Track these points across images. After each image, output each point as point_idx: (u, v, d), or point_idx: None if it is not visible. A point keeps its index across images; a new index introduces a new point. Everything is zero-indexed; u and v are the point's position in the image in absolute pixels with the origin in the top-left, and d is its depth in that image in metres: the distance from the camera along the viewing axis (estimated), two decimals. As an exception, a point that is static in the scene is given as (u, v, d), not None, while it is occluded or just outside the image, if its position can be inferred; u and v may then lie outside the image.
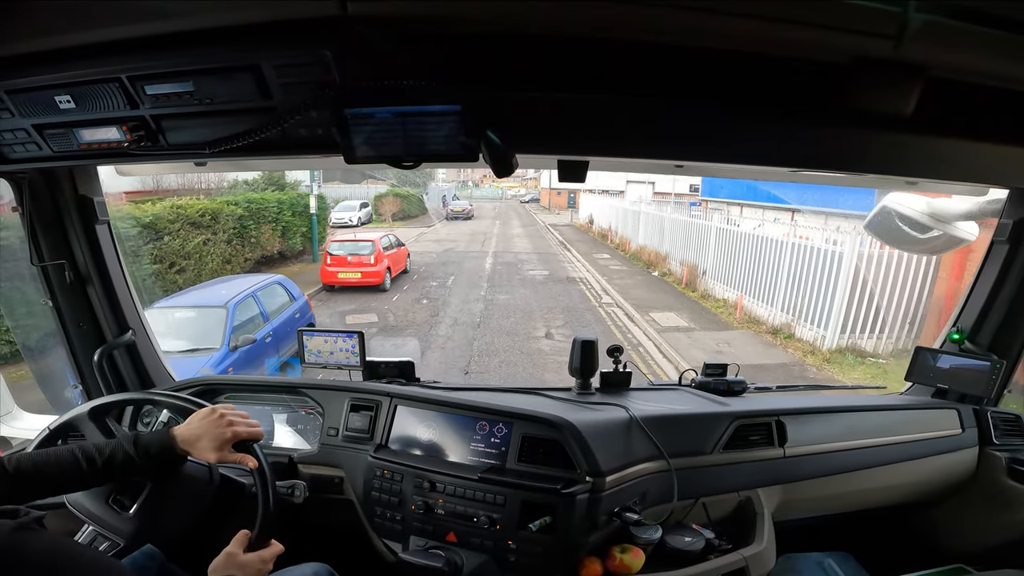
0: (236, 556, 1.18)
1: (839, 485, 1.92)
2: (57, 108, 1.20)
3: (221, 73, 1.10)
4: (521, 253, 18.93)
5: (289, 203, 14.86)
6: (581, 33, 1.03)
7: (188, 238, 11.16)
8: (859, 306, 8.61)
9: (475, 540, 1.54)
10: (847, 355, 8.61)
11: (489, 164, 1.20)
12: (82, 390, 1.97)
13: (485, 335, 9.55)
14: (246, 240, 13.01)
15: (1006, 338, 2.02)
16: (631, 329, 10.30)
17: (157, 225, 10.55)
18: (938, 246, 2.12)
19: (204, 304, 7.05)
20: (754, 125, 1.19)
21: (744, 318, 10.76)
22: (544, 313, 11.14)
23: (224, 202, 12.80)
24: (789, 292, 9.81)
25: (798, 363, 8.74)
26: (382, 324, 10.18)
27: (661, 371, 8.31)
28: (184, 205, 11.45)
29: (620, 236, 20.23)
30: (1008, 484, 1.98)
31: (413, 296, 12.24)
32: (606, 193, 28.22)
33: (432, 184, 35.47)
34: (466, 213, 30.54)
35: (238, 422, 1.32)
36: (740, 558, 1.60)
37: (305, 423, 1.92)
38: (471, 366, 8.17)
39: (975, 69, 1.04)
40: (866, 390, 3.04)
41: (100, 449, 1.21)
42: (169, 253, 10.73)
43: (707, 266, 12.86)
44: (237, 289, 7.40)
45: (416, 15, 0.99)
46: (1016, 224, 1.88)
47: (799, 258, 9.62)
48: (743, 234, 11.69)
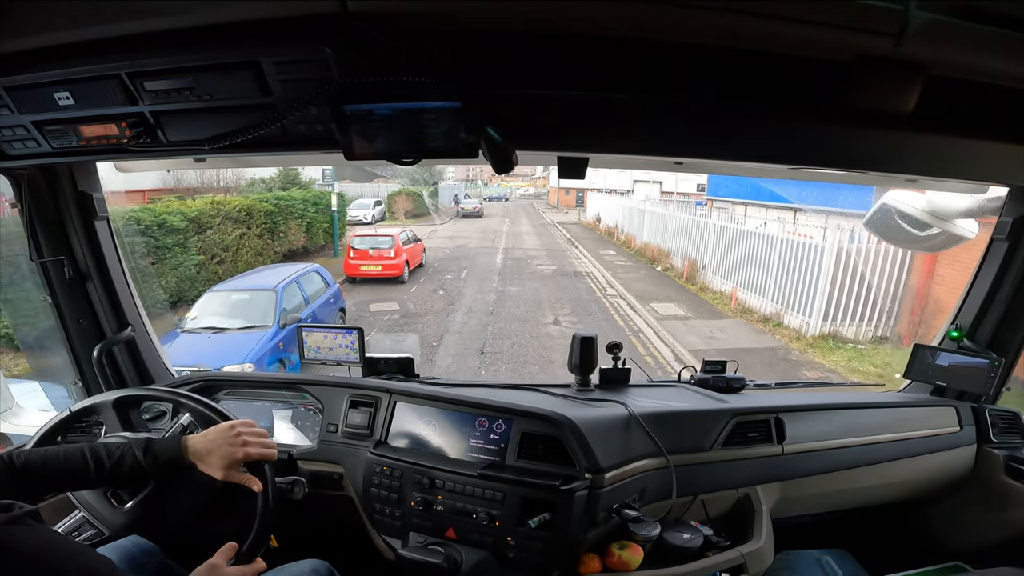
0: (219, 568, 1.17)
1: (837, 482, 1.92)
2: (56, 104, 1.19)
3: (221, 69, 1.10)
4: (530, 249, 19.57)
5: (312, 201, 15.69)
6: (581, 30, 1.03)
7: (227, 232, 11.96)
8: (840, 296, 9.30)
9: (474, 536, 1.54)
10: (828, 340, 9.27)
11: (489, 160, 1.20)
12: (81, 386, 1.97)
13: (498, 321, 10.31)
14: (275, 234, 13.82)
15: (1005, 336, 2.02)
16: (633, 318, 10.91)
17: (201, 220, 11.26)
18: (937, 244, 2.12)
19: (256, 287, 8.04)
20: (754, 122, 1.19)
21: (738, 308, 11.43)
22: (552, 303, 11.85)
23: (256, 199, 13.73)
24: (778, 284, 10.49)
25: (784, 347, 9.42)
26: (403, 311, 10.96)
27: (659, 354, 8.91)
28: (222, 201, 12.32)
29: (626, 234, 20.70)
30: (1006, 482, 1.98)
31: (430, 287, 13.00)
32: (614, 192, 28.70)
33: (442, 183, 36.26)
34: (476, 211, 31.34)
35: (252, 442, 1.30)
36: (738, 555, 1.61)
37: (305, 419, 1.92)
38: (486, 347, 8.87)
39: (975, 67, 1.04)
40: (865, 387, 3.05)
41: (110, 452, 1.21)
42: (211, 245, 11.48)
43: (706, 261, 13.42)
44: (282, 275, 8.37)
45: (416, 12, 0.99)
46: (1015, 222, 1.88)
47: (787, 252, 10.28)
48: (738, 231, 12.36)
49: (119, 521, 1.34)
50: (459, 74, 1.06)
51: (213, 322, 7.31)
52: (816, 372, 8.43)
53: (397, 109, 1.10)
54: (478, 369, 8.00)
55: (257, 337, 6.99)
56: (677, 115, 1.18)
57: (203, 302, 7.81)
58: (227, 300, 7.75)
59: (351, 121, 1.12)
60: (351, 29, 0.97)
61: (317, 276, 9.09)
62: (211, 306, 7.64)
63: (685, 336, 9.61)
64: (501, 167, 1.21)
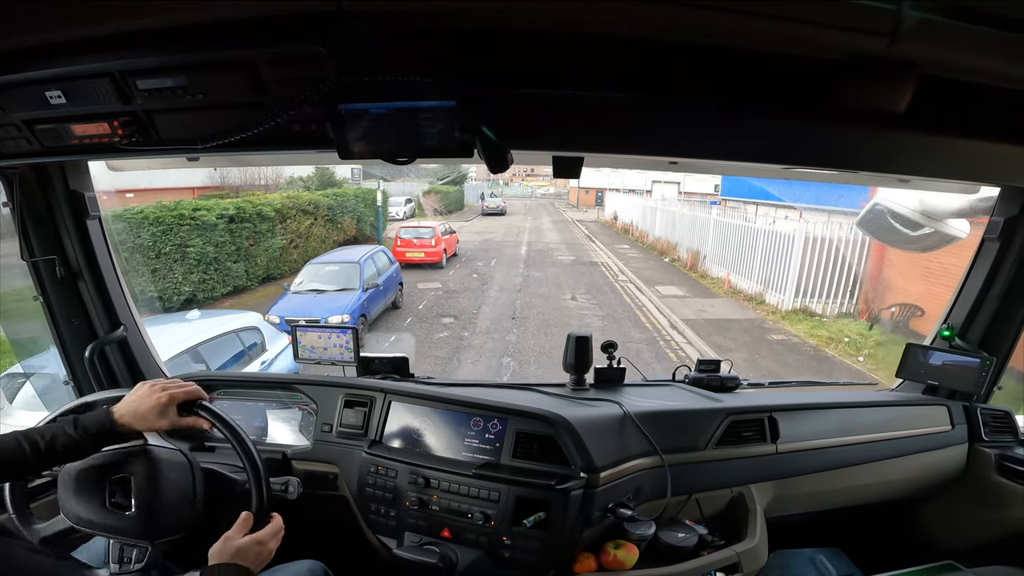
0: (233, 540, 1.19)
1: (830, 481, 1.93)
2: (48, 103, 1.18)
3: (215, 68, 1.09)
4: (551, 243, 22.15)
5: (361, 197, 18.30)
6: (576, 30, 1.03)
7: (300, 221, 14.52)
8: (809, 278, 11.41)
9: (470, 536, 1.54)
10: (799, 314, 11.34)
11: (484, 160, 1.20)
12: (73, 386, 1.96)
13: (524, 297, 12.77)
14: (334, 225, 16.18)
15: (996, 335, 2.04)
16: (638, 296, 13.17)
17: (283, 211, 13.88)
18: (930, 244, 2.13)
19: (343, 261, 10.77)
20: (747, 122, 1.19)
21: (729, 290, 13.56)
22: (570, 285, 14.20)
23: (321, 194, 16.36)
24: (762, 268, 12.66)
25: (760, 319, 11.60)
26: (445, 289, 13.36)
27: (657, 322, 11.06)
28: (295, 195, 15.34)
29: (640, 230, 22.73)
30: (997, 481, 1.99)
31: (464, 272, 15.47)
32: (632, 192, 30.33)
33: (466, 184, 37.95)
34: (500, 209, 33.54)
35: (171, 386, 1.31)
36: (732, 554, 1.61)
37: (299, 419, 1.92)
38: (516, 314, 11.31)
39: (968, 67, 1.05)
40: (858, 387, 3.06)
41: (42, 433, 1.21)
42: (290, 232, 14.09)
43: (706, 252, 15.55)
44: (359, 253, 11.10)
45: (411, 11, 0.98)
46: (1007, 222, 1.90)
47: (768, 242, 12.42)
48: (732, 225, 14.39)
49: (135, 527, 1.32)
50: (454, 73, 1.06)
51: (314, 285, 10.03)
52: (781, 336, 10.56)
53: (392, 108, 1.10)
54: (510, 330, 10.24)
55: (349, 296, 9.58)
56: (671, 115, 1.18)
57: (305, 271, 10.60)
58: (322, 270, 10.52)
59: (346, 120, 1.12)
60: (346, 28, 0.97)
61: (383, 255, 11.76)
62: (311, 274, 10.41)
63: (680, 310, 11.79)
64: (496, 167, 1.21)
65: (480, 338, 9.80)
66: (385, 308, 10.84)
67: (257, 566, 1.19)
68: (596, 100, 1.13)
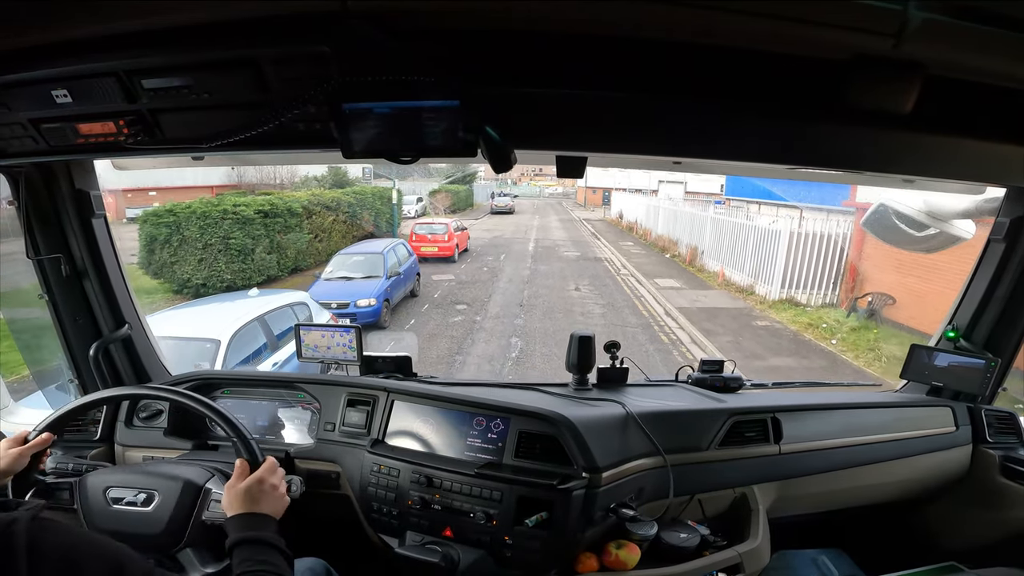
0: (234, 487, 1.22)
1: (834, 482, 1.93)
2: (53, 102, 1.19)
3: (219, 67, 1.10)
4: (558, 240, 23.58)
5: (378, 195, 19.90)
6: (580, 30, 1.03)
7: (324, 217, 15.91)
8: (793, 270, 12.50)
9: (471, 535, 1.54)
10: (785, 303, 12.41)
11: (487, 159, 1.20)
12: (77, 384, 1.97)
13: (532, 287, 14.00)
14: (354, 221, 17.49)
15: (1001, 337, 2.02)
16: (637, 287, 14.33)
17: (309, 208, 15.23)
18: (935, 244, 2.12)
19: (368, 251, 12.31)
20: (751, 122, 1.18)
21: (723, 282, 14.68)
22: (575, 277, 15.48)
23: (341, 193, 17.88)
24: (752, 262, 13.71)
25: (749, 308, 12.70)
26: (458, 280, 14.68)
27: (652, 310, 12.27)
28: (319, 193, 16.85)
29: (644, 228, 23.97)
30: (1001, 482, 1.99)
31: (476, 266, 16.77)
32: (639, 192, 31.09)
33: (475, 183, 38.89)
34: (508, 208, 34.68)
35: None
36: (735, 554, 1.61)
37: (302, 418, 1.92)
38: (524, 302, 12.49)
39: (974, 67, 1.04)
40: (862, 387, 3.05)
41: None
42: (315, 227, 15.45)
43: (704, 247, 16.59)
44: (382, 245, 12.62)
45: (415, 10, 0.98)
46: (1013, 222, 1.89)
47: (758, 237, 13.45)
48: (727, 221, 15.52)
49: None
50: (457, 73, 1.06)
51: (343, 273, 11.40)
52: (766, 322, 11.68)
53: (395, 108, 1.10)
54: (518, 315, 11.37)
55: (374, 283, 10.92)
56: (675, 114, 1.17)
57: (334, 261, 12.09)
58: (350, 259, 11.94)
59: (349, 119, 1.12)
60: (350, 27, 0.97)
61: (403, 247, 13.26)
62: (340, 263, 11.82)
63: (676, 300, 12.98)
64: (499, 166, 1.21)
65: (491, 322, 11.01)
66: (404, 296, 12.16)
67: (270, 506, 1.22)
68: (599, 100, 1.13)
